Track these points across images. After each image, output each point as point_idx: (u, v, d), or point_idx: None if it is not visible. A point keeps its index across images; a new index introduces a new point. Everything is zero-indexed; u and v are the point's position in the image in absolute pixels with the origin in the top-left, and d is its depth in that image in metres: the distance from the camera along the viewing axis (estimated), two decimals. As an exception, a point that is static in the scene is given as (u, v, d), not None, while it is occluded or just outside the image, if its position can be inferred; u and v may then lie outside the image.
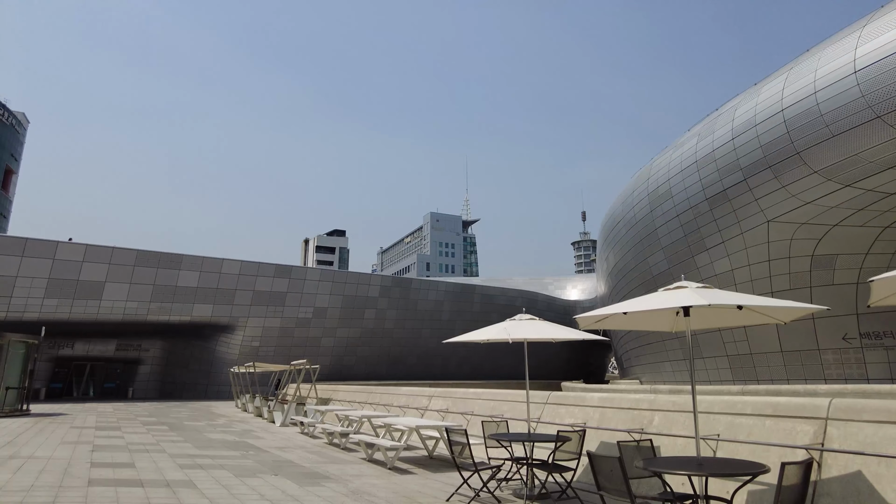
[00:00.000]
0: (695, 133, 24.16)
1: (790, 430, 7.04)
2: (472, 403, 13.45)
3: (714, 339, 24.81)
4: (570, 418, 10.05)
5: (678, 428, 8.07)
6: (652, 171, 27.28)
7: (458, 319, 46.30)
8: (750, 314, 6.05)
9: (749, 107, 20.43)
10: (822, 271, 20.59)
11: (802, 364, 21.94)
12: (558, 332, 8.43)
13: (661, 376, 30.71)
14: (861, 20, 17.28)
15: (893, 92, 15.33)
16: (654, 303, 5.37)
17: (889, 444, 6.04)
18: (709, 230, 23.31)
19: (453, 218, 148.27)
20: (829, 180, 17.98)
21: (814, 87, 17.54)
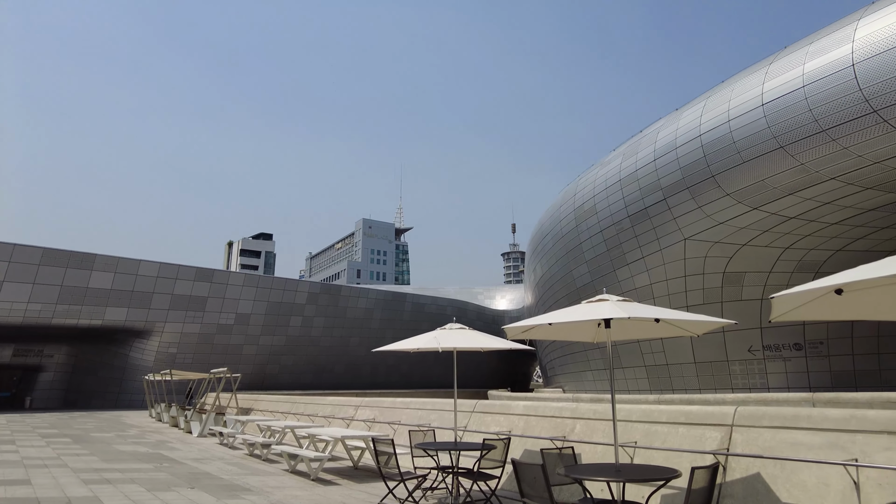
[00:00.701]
0: (620, 153, 25.32)
1: (700, 437, 7.47)
2: (399, 413, 13.39)
3: (633, 350, 25.94)
4: (495, 426, 10.20)
5: (598, 435, 8.37)
6: (579, 187, 28.32)
7: (389, 328, 46.02)
8: (666, 327, 6.40)
9: (670, 130, 21.65)
10: (732, 287, 22.03)
11: (713, 374, 23.33)
12: (487, 342, 8.57)
13: (584, 385, 31.75)
14: (768, 58, 18.76)
15: (793, 125, 16.72)
16: (577, 314, 5.58)
17: (784, 448, 6.52)
18: (630, 246, 24.43)
19: (386, 225, 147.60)
20: (739, 203, 19.31)
21: (728, 116, 18.83)
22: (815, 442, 6.40)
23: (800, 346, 21.58)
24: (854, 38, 15.56)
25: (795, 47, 17.69)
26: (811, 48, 16.84)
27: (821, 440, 6.36)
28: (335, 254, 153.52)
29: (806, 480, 6.21)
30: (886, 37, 14.76)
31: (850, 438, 6.12)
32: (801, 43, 17.57)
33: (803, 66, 16.70)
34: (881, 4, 15.59)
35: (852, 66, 15.32)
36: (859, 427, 6.17)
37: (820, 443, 6.36)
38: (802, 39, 17.75)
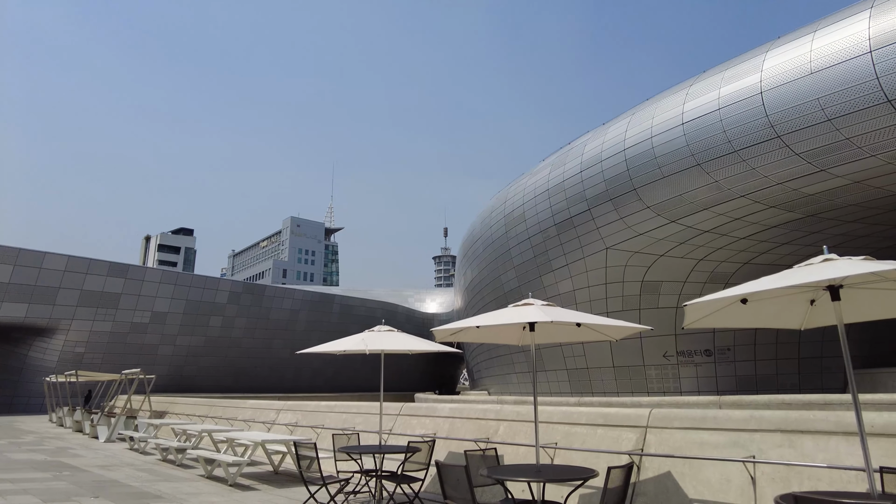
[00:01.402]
0: (548, 163, 26.09)
1: (617, 438, 7.78)
2: (323, 416, 13.14)
3: (556, 353, 26.73)
4: (421, 429, 10.22)
5: (521, 437, 8.56)
6: (509, 194, 28.94)
7: (315, 330, 45.06)
8: (587, 331, 6.65)
9: (597, 144, 22.54)
10: (649, 296, 23.17)
11: (630, 378, 24.42)
12: (415, 344, 8.58)
13: (508, 388, 32.38)
14: (689, 80, 19.94)
15: (709, 145, 17.85)
16: (504, 318, 5.70)
17: (692, 448, 6.90)
18: (555, 253, 25.20)
19: (315, 224, 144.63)
20: (658, 215, 20.36)
21: (651, 133, 19.82)
22: (719, 441, 6.82)
23: (710, 352, 22.98)
24: (762, 68, 16.81)
25: (713, 72, 18.89)
26: (726, 74, 18.03)
27: (724, 439, 6.79)
28: (260, 252, 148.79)
29: (710, 477, 6.60)
30: (789, 69, 16.05)
31: (750, 437, 6.57)
32: (719, 68, 18.78)
33: (719, 91, 17.86)
34: (786, 39, 16.93)
35: (761, 93, 16.53)
36: (757, 427, 6.64)
37: (724, 442, 6.78)
38: (720, 65, 18.99)
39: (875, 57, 14.32)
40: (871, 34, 14.54)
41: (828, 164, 15.95)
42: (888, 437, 5.77)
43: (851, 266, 3.83)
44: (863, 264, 3.80)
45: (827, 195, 17.16)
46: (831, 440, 6.01)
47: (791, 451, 6.30)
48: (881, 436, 5.83)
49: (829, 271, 3.87)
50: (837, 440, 5.90)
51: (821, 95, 15.23)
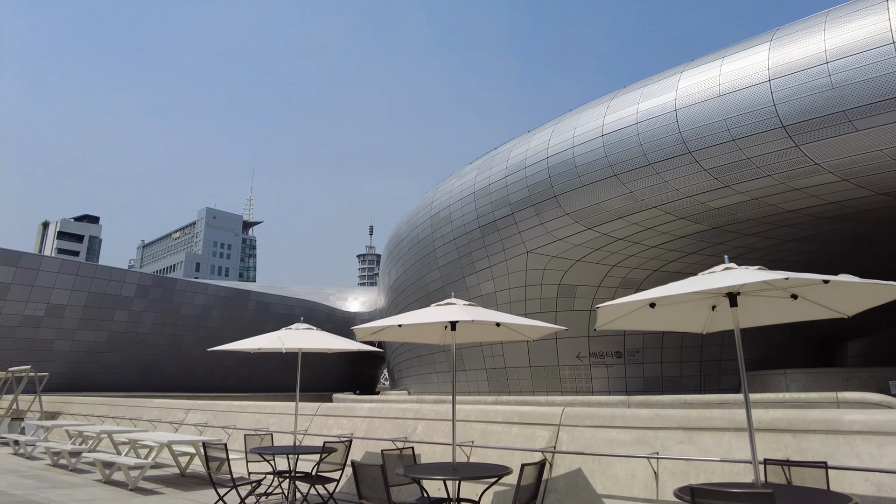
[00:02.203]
0: (475, 167, 26.49)
1: (531, 436, 8.00)
2: (235, 417, 12.65)
3: (476, 353, 27.15)
4: (338, 429, 10.06)
5: (439, 436, 8.62)
6: (436, 196, 29.11)
7: (229, 327, 43.27)
8: (506, 331, 6.80)
9: (521, 150, 23.11)
10: (565, 298, 24.02)
11: (545, 378, 25.20)
12: (335, 343, 8.44)
13: (429, 387, 32.54)
14: (610, 94, 20.85)
15: (626, 157, 18.76)
16: (426, 317, 5.72)
17: (601, 445, 7.21)
18: (479, 255, 25.62)
19: (233, 217, 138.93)
20: (576, 222, 21.15)
21: (572, 143, 20.56)
22: (626, 438, 7.16)
23: (620, 354, 24.12)
24: (678, 88, 17.87)
25: (633, 88, 19.86)
26: (645, 90, 19.02)
27: (631, 437, 7.14)
28: (172, 244, 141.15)
29: (618, 473, 6.92)
30: (701, 91, 17.16)
31: (654, 435, 6.94)
32: (638, 84, 19.77)
33: (638, 106, 18.80)
34: (700, 62, 18.09)
35: (675, 111, 17.57)
36: (662, 424, 7.03)
37: (630, 439, 7.13)
38: (639, 82, 20.00)
39: (773, 86, 15.59)
40: (771, 65, 15.82)
41: (731, 180, 17.18)
42: (772, 432, 6.27)
43: (748, 275, 4.14)
44: (757, 273, 4.12)
45: (730, 209, 18.48)
46: (725, 436, 6.47)
47: (690, 446, 6.72)
48: (767, 431, 6.33)
49: (728, 279, 4.17)
50: (730, 436, 6.35)
51: (727, 117, 16.39)
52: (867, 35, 14.35)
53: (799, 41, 15.65)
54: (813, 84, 14.95)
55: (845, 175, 15.88)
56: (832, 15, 15.57)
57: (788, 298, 4.88)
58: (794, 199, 17.41)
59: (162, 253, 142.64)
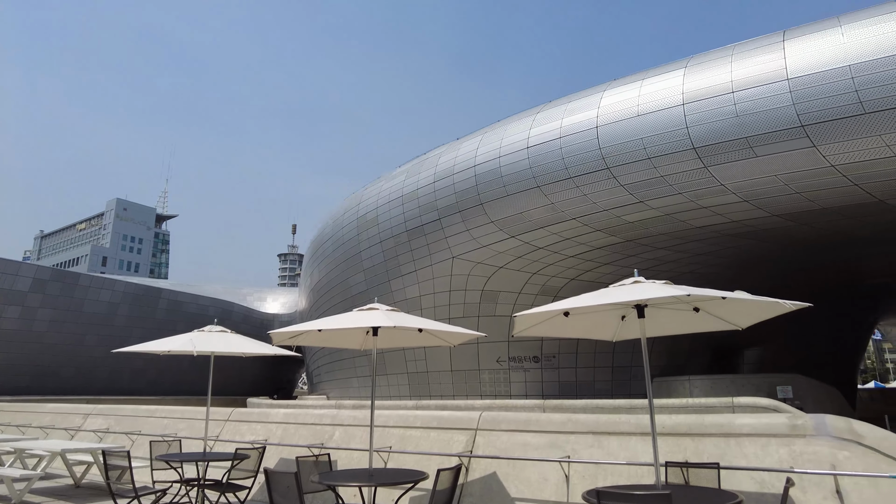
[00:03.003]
0: (404, 170, 26.49)
1: (449, 440, 8.08)
2: (141, 422, 11.95)
3: (398, 357, 27.08)
4: (251, 435, 9.74)
5: (356, 442, 8.54)
6: (364, 197, 28.84)
7: (137, 327, 40.82)
8: (428, 337, 6.85)
9: (450, 157, 23.36)
10: (488, 304, 24.46)
11: (466, 382, 25.52)
12: (250, 347, 8.18)
13: (349, 392, 32.09)
14: (537, 107, 21.50)
15: (549, 169, 19.40)
16: (347, 322, 5.67)
17: (516, 449, 7.40)
18: (405, 259, 25.61)
19: (145, 209, 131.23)
20: (501, 230, 21.62)
21: (499, 153, 21.01)
22: (540, 442, 7.39)
23: (537, 359, 24.82)
24: (600, 105, 18.69)
25: (558, 103, 20.58)
26: (569, 106, 19.75)
27: (545, 441, 7.37)
28: (76, 235, 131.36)
29: (531, 476, 7.12)
30: (621, 109, 18.05)
31: (566, 438, 7.21)
32: (563, 100, 20.50)
33: (561, 121, 19.49)
34: (621, 82, 19.03)
35: (596, 128, 18.36)
36: (573, 429, 7.31)
37: (544, 443, 7.36)
38: (564, 97, 20.73)
39: (686, 109, 16.65)
40: (685, 89, 16.90)
41: (645, 196, 18.15)
42: (674, 436, 6.68)
43: (655, 289, 4.41)
44: (663, 288, 4.40)
45: (643, 224, 19.51)
46: (631, 440, 6.82)
47: (599, 450, 7.02)
48: (669, 435, 6.73)
49: (636, 292, 4.43)
50: (636, 440, 6.70)
51: (644, 136, 17.32)
52: (766, 70, 15.65)
53: (710, 70, 16.82)
54: (721, 111, 16.10)
55: (746, 196, 17.18)
56: (738, 49, 16.85)
57: (691, 311, 5.23)
58: (702, 216, 18.64)
59: (64, 245, 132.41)
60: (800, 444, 6.01)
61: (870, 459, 5.68)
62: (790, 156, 15.56)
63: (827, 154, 15.19)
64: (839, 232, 19.95)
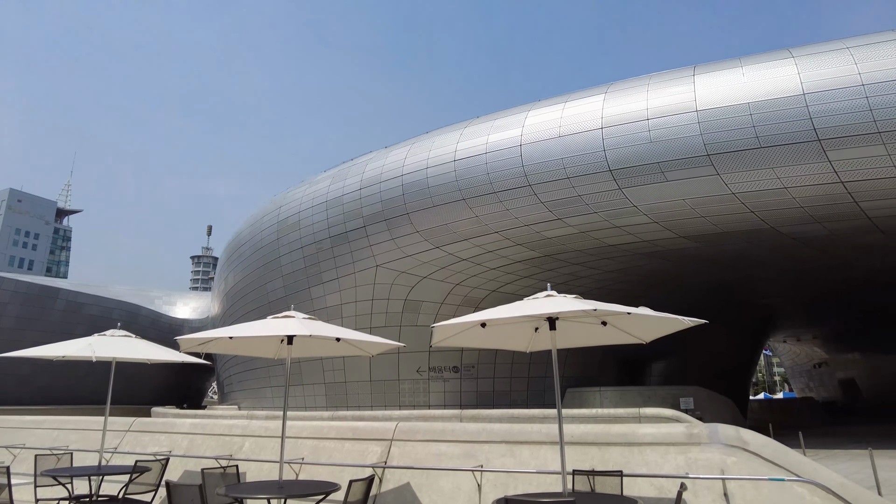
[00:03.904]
0: (330, 175, 26.10)
1: (364, 451, 8.00)
2: (26, 434, 10.99)
3: (315, 367, 26.49)
4: (154, 447, 9.21)
5: (267, 453, 8.27)
6: (285, 200, 28.12)
7: (30, 329, 37.55)
8: (346, 346, 6.77)
9: (378, 165, 23.27)
10: (410, 314, 24.45)
11: (385, 392, 25.32)
12: (154, 353, 7.75)
13: (262, 402, 30.97)
14: (465, 122, 21.88)
15: (474, 183, 19.77)
16: (261, 329, 5.51)
17: (431, 459, 7.43)
18: (327, 265, 25.17)
19: (44, 202, 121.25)
20: (426, 240, 21.74)
21: (427, 164, 21.18)
22: (454, 452, 7.46)
23: (457, 369, 25.05)
24: (524, 124, 19.29)
25: (486, 119, 21.04)
26: (496, 123, 20.24)
27: (459, 450, 7.45)
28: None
29: (444, 486, 7.17)
30: (544, 129, 18.72)
31: (480, 448, 7.33)
32: (490, 117, 20.99)
33: (488, 137, 19.94)
34: (545, 103, 19.74)
35: (520, 146, 18.92)
36: (487, 438, 7.44)
37: (459, 453, 7.44)
38: (492, 114, 21.23)
39: (604, 133, 17.52)
40: (604, 114, 17.78)
41: (564, 214, 18.87)
42: (582, 445, 6.95)
43: (566, 303, 4.61)
44: (573, 302, 4.61)
45: (561, 240, 20.25)
46: (542, 449, 7.03)
47: (512, 459, 7.19)
48: (578, 444, 7.00)
49: (549, 305, 4.61)
50: (547, 449, 6.91)
51: (564, 156, 18.03)
52: (678, 101, 16.77)
53: (628, 97, 17.80)
54: (636, 136, 17.06)
55: (656, 218, 18.25)
56: (654, 79, 17.96)
57: (599, 325, 5.50)
58: (615, 235, 19.60)
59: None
60: (695, 451, 6.43)
61: (753, 464, 6.16)
62: (697, 182, 16.71)
63: (728, 182, 16.43)
64: (738, 254, 21.58)
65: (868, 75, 14.98)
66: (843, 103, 15.05)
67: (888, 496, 9.82)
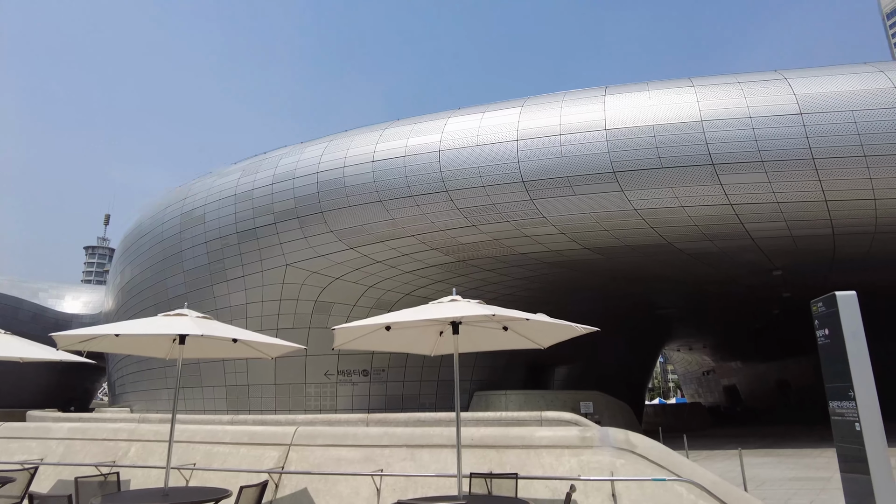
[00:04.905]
0: (240, 168, 25.04)
1: (260, 456, 7.72)
2: None
3: (216, 368, 25.29)
4: (23, 454, 8.41)
5: (156, 458, 7.80)
6: (190, 191, 26.67)
7: None
8: (244, 348, 6.51)
9: (292, 160, 22.61)
10: (320, 315, 23.90)
11: (290, 396, 24.56)
12: (28, 351, 7.09)
13: (157, 405, 29.15)
14: (385, 123, 21.75)
15: (392, 185, 19.69)
16: (150, 327, 5.17)
17: (330, 464, 7.29)
18: (233, 262, 24.11)
19: None
20: (340, 241, 21.37)
21: (344, 162, 20.84)
22: (355, 457, 7.37)
23: (367, 372, 24.78)
24: (444, 130, 19.47)
25: (406, 122, 21.03)
26: (416, 126, 20.29)
27: (360, 455, 7.37)
28: None
29: (342, 491, 7.06)
30: (462, 137, 18.99)
31: (381, 452, 7.28)
32: (411, 120, 21.00)
33: (408, 140, 19.94)
34: (465, 112, 20.04)
35: (439, 151, 19.08)
36: (389, 442, 7.40)
37: (359, 457, 7.35)
38: (412, 118, 21.25)
39: (519, 145, 18.03)
40: (520, 127, 18.30)
41: (478, 221, 19.21)
42: (482, 448, 7.07)
43: (468, 307, 4.68)
44: (475, 307, 4.69)
45: (474, 246, 20.60)
46: (443, 452, 7.08)
47: (412, 463, 7.19)
48: (477, 447, 7.11)
49: (452, 310, 4.65)
50: (447, 452, 6.97)
51: (481, 165, 18.37)
52: (588, 119, 17.59)
53: (543, 111, 18.43)
54: (548, 150, 17.69)
55: (564, 229, 19.00)
56: (568, 96, 18.72)
57: (501, 330, 5.63)
58: (525, 243, 20.20)
59: None
60: (588, 454, 6.72)
61: (640, 465, 6.54)
62: (603, 197, 17.57)
63: (631, 199, 17.41)
64: (638, 267, 22.88)
65: (755, 108, 16.43)
66: (734, 132, 16.40)
67: (753, 491, 10.76)
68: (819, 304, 6.70)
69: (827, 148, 15.94)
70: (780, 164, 16.23)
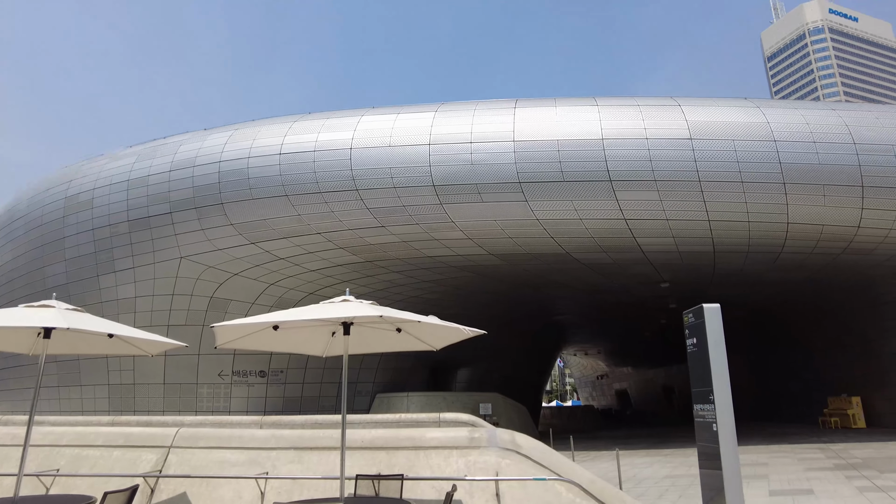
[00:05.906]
0: (135, 152, 23.39)
1: (136, 460, 7.27)
2: None
3: (98, 365, 23.47)
4: None
5: (10, 465, 7.12)
6: (78, 173, 24.58)
7: None
8: (121, 344, 6.10)
9: (193, 147, 21.43)
10: (216, 312, 22.76)
11: (180, 396, 23.22)
12: None
13: (26, 405, 26.52)
14: (295, 115, 21.14)
15: (300, 181, 19.18)
16: (8, 319, 4.71)
17: (212, 467, 7.00)
18: (122, 252, 22.48)
19: None
20: (240, 234, 20.51)
21: (249, 153, 20.03)
22: (240, 459, 7.12)
23: (264, 373, 23.93)
24: (356, 129, 19.24)
25: (318, 117, 20.55)
26: (328, 122, 19.89)
27: (245, 457, 7.13)
28: None
29: (224, 495, 6.80)
30: (375, 137, 18.85)
31: (267, 455, 7.08)
32: (323, 115, 20.54)
33: (318, 135, 19.51)
34: (378, 111, 19.93)
35: (350, 149, 18.83)
36: (276, 445, 7.22)
37: (244, 460, 7.11)
38: (325, 112, 20.78)
39: (431, 150, 18.20)
40: (432, 131, 18.48)
41: (387, 222, 19.17)
42: (372, 449, 7.07)
43: (360, 308, 4.66)
44: (366, 308, 4.68)
45: (382, 247, 20.52)
46: (332, 454, 7.01)
47: (300, 465, 7.05)
48: (367, 449, 7.10)
49: (343, 310, 4.62)
50: (336, 454, 6.90)
51: (393, 166, 18.35)
52: (498, 130, 18.10)
53: (455, 118, 18.73)
54: (459, 157, 17.99)
55: (471, 235, 19.39)
56: (481, 105, 19.16)
57: (394, 331, 5.65)
58: (433, 247, 20.40)
59: None
60: (475, 454, 6.89)
61: (523, 465, 6.79)
62: (508, 206, 18.12)
63: (535, 209, 18.08)
64: (539, 274, 23.78)
65: (651, 131, 17.61)
66: (631, 151, 17.49)
67: (631, 489, 11.51)
68: (689, 315, 7.29)
69: (711, 171, 17.40)
70: (670, 183, 17.51)
